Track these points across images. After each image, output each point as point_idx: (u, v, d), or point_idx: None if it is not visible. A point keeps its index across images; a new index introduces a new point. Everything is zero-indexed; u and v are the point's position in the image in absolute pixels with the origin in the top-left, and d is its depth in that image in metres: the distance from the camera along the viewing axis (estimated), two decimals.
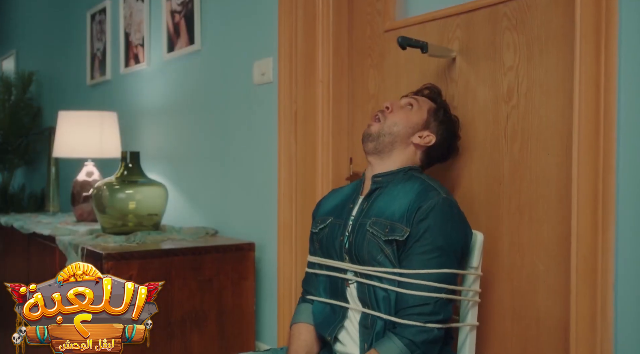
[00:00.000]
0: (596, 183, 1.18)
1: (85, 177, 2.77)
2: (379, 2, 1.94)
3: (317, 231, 1.55)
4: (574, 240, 1.22)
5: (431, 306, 1.32)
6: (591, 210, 1.19)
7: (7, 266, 2.93)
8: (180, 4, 2.60)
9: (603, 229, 1.17)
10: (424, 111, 1.50)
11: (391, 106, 1.50)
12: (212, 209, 2.42)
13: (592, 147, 1.19)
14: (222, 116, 2.36)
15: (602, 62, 1.17)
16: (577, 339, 1.22)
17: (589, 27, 1.19)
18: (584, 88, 1.21)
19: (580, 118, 1.21)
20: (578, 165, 1.22)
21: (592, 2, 1.18)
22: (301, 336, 1.50)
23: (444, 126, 1.52)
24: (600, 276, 1.17)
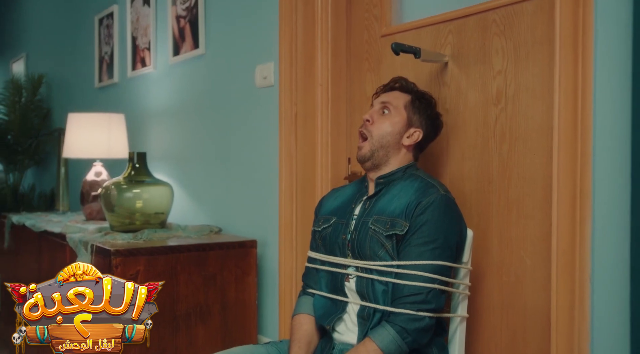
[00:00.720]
0: (574, 181, 1.25)
1: (94, 176, 2.85)
2: (375, 8, 2.02)
3: (320, 229, 1.62)
4: (554, 236, 1.30)
5: (423, 296, 1.40)
6: (570, 207, 1.27)
7: (18, 264, 3.02)
8: (185, 9, 2.69)
9: (580, 225, 1.24)
10: (401, 109, 1.56)
11: (371, 118, 1.56)
12: (216, 208, 2.50)
13: (570, 147, 1.26)
14: (225, 118, 2.45)
15: (579, 69, 1.24)
16: (557, 328, 1.30)
17: (568, 35, 1.27)
18: (563, 92, 1.28)
19: (560, 120, 1.29)
20: (558, 165, 1.29)
21: (571, 12, 1.25)
22: (303, 326, 1.58)
23: (425, 115, 1.57)
24: (577, 269, 1.24)
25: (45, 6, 4.66)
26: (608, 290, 1.21)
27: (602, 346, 1.22)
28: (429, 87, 1.80)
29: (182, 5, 2.71)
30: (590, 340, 1.22)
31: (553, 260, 1.31)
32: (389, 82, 1.63)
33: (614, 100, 1.21)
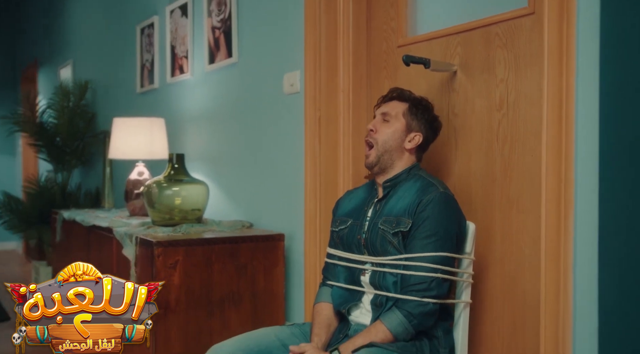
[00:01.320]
0: (559, 180, 1.41)
1: (137, 176, 3.10)
2: (392, 21, 2.19)
3: (337, 230, 1.81)
4: (542, 227, 1.46)
5: (427, 284, 1.57)
6: (555, 203, 1.42)
7: (69, 256, 3.29)
8: (220, 21, 2.90)
9: (565, 219, 1.40)
10: (400, 116, 1.72)
11: (375, 127, 1.73)
12: (248, 204, 2.71)
13: (556, 150, 1.42)
14: (256, 122, 2.65)
15: (563, 80, 1.39)
16: (545, 309, 1.45)
17: (554, 51, 1.42)
18: (550, 101, 1.44)
19: (547, 126, 1.44)
20: (546, 166, 1.45)
21: (556, 30, 1.41)
22: (323, 312, 1.77)
23: (423, 119, 1.73)
24: (562, 256, 1.40)
25: (91, 16, 4.95)
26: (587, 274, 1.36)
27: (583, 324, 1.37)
28: (440, 93, 1.97)
29: (217, 17, 2.92)
30: (572, 319, 1.37)
31: (542, 248, 1.47)
32: (387, 93, 1.80)
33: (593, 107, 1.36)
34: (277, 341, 1.71)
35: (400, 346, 1.55)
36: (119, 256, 2.42)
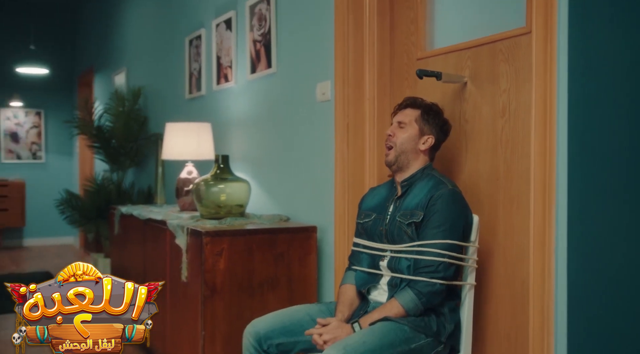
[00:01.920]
0: (544, 179, 1.65)
1: (186, 175, 3.43)
2: (412, 36, 2.45)
3: (362, 222, 2.09)
4: (531, 219, 1.70)
5: (435, 267, 1.83)
6: (541, 198, 1.66)
7: (126, 246, 3.66)
8: (260, 35, 3.21)
9: (548, 211, 1.63)
10: (414, 123, 1.98)
11: (393, 132, 2.00)
12: (285, 200, 3.01)
13: (542, 153, 1.66)
14: (291, 126, 2.94)
15: (547, 93, 1.63)
16: (533, 291, 1.70)
17: (540, 67, 1.66)
18: (537, 110, 1.68)
19: (535, 133, 1.68)
20: (534, 167, 1.69)
21: (542, 50, 1.65)
22: (347, 292, 2.05)
23: (434, 122, 1.99)
24: (546, 244, 1.64)
25: (143, 27, 5.34)
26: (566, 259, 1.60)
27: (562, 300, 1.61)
28: (453, 101, 2.22)
29: (258, 32, 3.23)
30: (555, 298, 1.61)
31: (530, 237, 1.71)
32: (402, 102, 2.06)
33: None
34: (307, 316, 2.00)
35: (410, 321, 1.82)
36: (172, 245, 2.75)
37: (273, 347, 1.95)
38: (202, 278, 2.44)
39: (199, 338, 2.45)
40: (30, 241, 8.24)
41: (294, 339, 1.96)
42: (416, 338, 1.80)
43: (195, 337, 2.50)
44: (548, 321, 1.64)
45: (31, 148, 8.28)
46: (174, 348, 2.80)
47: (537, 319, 1.68)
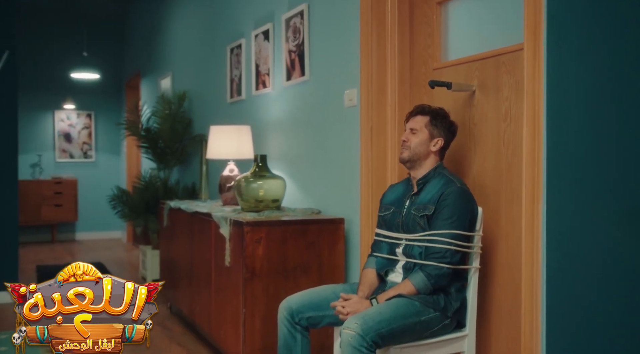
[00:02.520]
0: (533, 175, 1.93)
1: (228, 172, 3.79)
2: (429, 48, 2.74)
3: (383, 215, 2.40)
4: (522, 209, 1.98)
5: (443, 253, 2.13)
6: (530, 192, 1.94)
7: (174, 237, 4.04)
8: (295, 46, 3.54)
9: (536, 203, 1.91)
10: (424, 128, 2.26)
11: (407, 138, 2.29)
12: (316, 195, 3.33)
13: (531, 153, 1.94)
14: (322, 129, 3.27)
15: (535, 102, 1.91)
16: (524, 274, 1.98)
17: (530, 80, 1.94)
18: (528, 116, 1.96)
19: (526, 136, 1.96)
20: (525, 166, 1.97)
21: (531, 64, 1.93)
22: (368, 275, 2.37)
23: (442, 125, 2.27)
24: (535, 233, 1.92)
25: (188, 35, 5.73)
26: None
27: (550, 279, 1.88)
28: (463, 107, 2.50)
29: (293, 43, 3.56)
30: (541, 277, 1.89)
31: (522, 226, 1.99)
32: (412, 110, 2.35)
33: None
34: (333, 294, 2.32)
35: (421, 298, 2.12)
36: (216, 234, 3.11)
37: (304, 320, 2.28)
38: (243, 263, 2.79)
39: (240, 315, 2.80)
40: (81, 235, 8.79)
41: (322, 314, 2.28)
42: (425, 312, 2.10)
43: (237, 314, 2.85)
44: (536, 300, 1.92)
45: (82, 147, 8.82)
46: (218, 325, 3.16)
47: (527, 298, 1.96)
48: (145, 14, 7.33)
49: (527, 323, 1.97)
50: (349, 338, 1.94)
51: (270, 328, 2.72)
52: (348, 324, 1.98)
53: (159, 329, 3.89)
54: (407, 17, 2.84)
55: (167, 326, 3.99)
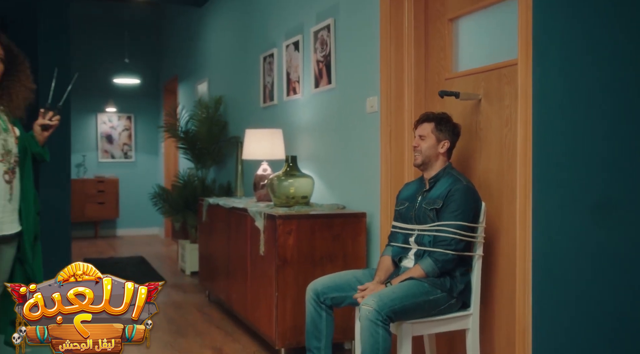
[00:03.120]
0: (525, 176, 2.23)
1: (262, 172, 4.16)
2: (442, 61, 3.05)
3: (398, 209, 2.73)
4: (517, 204, 2.29)
5: (448, 242, 2.45)
6: (523, 189, 2.25)
7: (212, 231, 4.43)
8: (322, 56, 3.89)
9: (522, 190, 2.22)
10: (430, 134, 2.58)
11: (417, 144, 2.61)
12: (341, 192, 3.67)
13: (523, 156, 2.25)
14: (347, 132, 3.60)
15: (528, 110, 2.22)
16: (518, 261, 2.29)
17: (523, 89, 2.25)
18: (521, 122, 2.27)
19: (520, 140, 2.27)
20: (518, 166, 2.28)
21: (524, 76, 2.24)
22: (384, 262, 2.70)
23: (446, 129, 2.58)
24: (526, 225, 2.22)
25: (223, 43, 6.13)
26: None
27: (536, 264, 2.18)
28: (471, 114, 2.81)
29: (320, 53, 3.91)
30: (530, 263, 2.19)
31: (517, 220, 2.30)
32: (418, 118, 2.66)
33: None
34: (353, 278, 2.66)
35: (429, 280, 2.44)
36: (252, 227, 3.48)
37: (328, 300, 2.63)
38: (275, 252, 3.15)
39: (273, 299, 3.16)
40: (122, 231, 9.29)
41: (344, 294, 2.63)
42: (433, 292, 2.43)
43: (270, 298, 3.21)
44: (527, 283, 2.22)
45: (123, 148, 9.32)
46: (253, 308, 3.52)
47: (520, 281, 2.27)
48: (183, 22, 7.76)
49: (520, 303, 2.28)
50: (366, 313, 2.28)
51: (300, 309, 3.07)
52: (366, 301, 2.32)
53: (199, 315, 4.28)
54: (422, 32, 3.16)
55: (206, 312, 4.38)
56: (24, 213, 2.51)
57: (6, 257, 2.47)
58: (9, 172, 2.43)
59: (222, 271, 4.18)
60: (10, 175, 2.44)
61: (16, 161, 2.48)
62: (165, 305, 4.59)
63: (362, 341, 2.31)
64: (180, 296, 4.94)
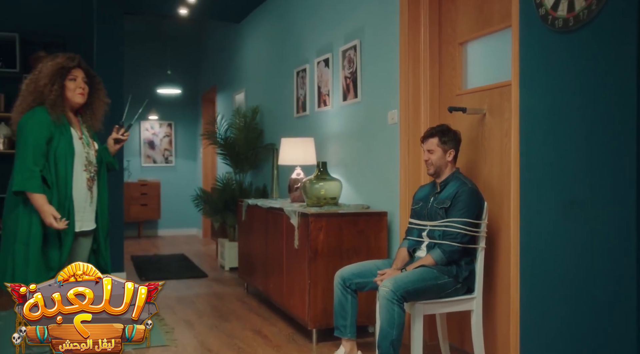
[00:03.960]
0: (517, 180, 2.67)
1: (295, 176, 4.65)
2: (454, 79, 3.50)
3: (414, 208, 3.19)
4: (511, 204, 2.72)
5: (454, 235, 2.90)
6: (515, 192, 2.68)
7: (251, 228, 4.93)
8: (349, 73, 4.36)
9: (514, 191, 2.65)
10: (436, 147, 3.02)
11: (427, 157, 3.05)
12: (366, 194, 4.14)
13: (515, 163, 2.68)
14: (371, 141, 4.07)
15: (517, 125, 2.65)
16: (513, 251, 2.72)
17: (515, 107, 2.68)
18: (513, 132, 2.70)
19: (513, 148, 2.71)
20: (512, 171, 2.72)
21: (516, 96, 2.67)
22: (401, 253, 3.16)
23: (449, 139, 3.01)
24: (516, 221, 2.66)
25: (260, 57, 6.64)
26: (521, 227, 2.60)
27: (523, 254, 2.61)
28: (477, 126, 3.25)
29: (348, 70, 4.39)
30: (519, 250, 2.62)
31: (511, 217, 2.73)
32: (424, 134, 3.10)
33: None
34: (374, 266, 3.12)
35: (438, 268, 2.89)
36: (287, 224, 3.96)
37: (353, 284, 3.10)
38: (308, 245, 3.62)
39: (306, 286, 3.63)
40: (163, 231, 9.90)
41: (366, 280, 3.09)
42: (441, 277, 2.87)
43: (303, 285, 3.69)
44: (516, 269, 2.65)
45: (164, 153, 9.93)
46: (288, 295, 4.01)
47: (513, 269, 2.70)
48: (221, 36, 8.33)
49: (512, 286, 2.71)
50: (384, 292, 2.74)
51: (329, 295, 3.55)
52: (384, 284, 2.78)
53: (239, 303, 4.78)
54: (436, 54, 3.61)
55: (245, 301, 4.88)
56: (100, 213, 3.05)
57: (85, 248, 3.01)
58: (90, 179, 2.97)
59: (260, 264, 4.67)
60: (91, 182, 2.98)
61: (95, 170, 3.02)
62: (208, 296, 5.11)
63: (380, 317, 2.77)
64: (221, 288, 5.46)
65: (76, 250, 2.93)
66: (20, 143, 2.81)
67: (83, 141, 2.97)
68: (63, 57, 2.92)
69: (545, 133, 2.41)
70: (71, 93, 2.94)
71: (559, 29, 2.24)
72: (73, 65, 2.92)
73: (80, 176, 2.91)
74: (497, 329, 3.12)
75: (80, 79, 2.95)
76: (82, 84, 2.96)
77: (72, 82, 2.93)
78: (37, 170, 2.75)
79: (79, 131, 2.98)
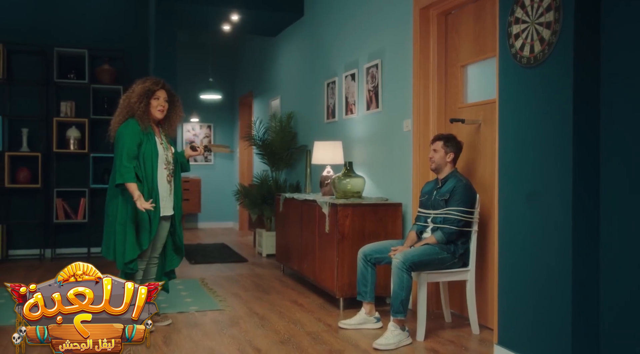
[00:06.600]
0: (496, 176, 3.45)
1: (326, 173, 5.46)
2: (457, 94, 4.28)
3: (421, 199, 3.98)
4: (495, 194, 3.51)
5: (452, 220, 3.69)
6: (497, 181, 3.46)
7: (287, 218, 5.77)
8: (372, 87, 5.16)
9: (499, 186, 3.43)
10: (440, 149, 3.80)
11: (432, 156, 3.84)
12: (385, 188, 4.93)
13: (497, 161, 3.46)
14: (389, 145, 4.86)
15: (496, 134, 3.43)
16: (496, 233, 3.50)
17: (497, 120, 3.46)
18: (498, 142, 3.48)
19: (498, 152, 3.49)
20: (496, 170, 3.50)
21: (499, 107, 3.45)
22: (411, 235, 3.95)
23: (451, 144, 3.79)
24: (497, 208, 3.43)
25: (294, 67, 7.45)
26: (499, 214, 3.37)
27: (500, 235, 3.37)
28: (474, 133, 4.03)
29: (371, 84, 5.19)
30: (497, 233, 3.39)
31: (495, 207, 3.51)
32: (433, 138, 3.89)
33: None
34: (390, 245, 3.93)
35: (439, 246, 3.68)
36: (319, 213, 4.79)
37: (372, 259, 3.91)
38: (336, 230, 4.44)
39: (335, 263, 4.45)
40: (202, 224, 10.80)
41: (383, 255, 3.90)
42: (442, 253, 3.67)
43: (332, 263, 4.51)
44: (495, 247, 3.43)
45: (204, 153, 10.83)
46: (320, 272, 4.83)
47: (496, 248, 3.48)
48: (258, 48, 9.17)
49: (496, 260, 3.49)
50: (396, 263, 3.55)
51: (353, 270, 4.36)
52: (396, 256, 3.59)
53: (277, 282, 5.62)
54: (443, 73, 4.40)
55: (282, 280, 5.72)
56: (176, 202, 3.91)
57: (165, 229, 3.88)
58: (169, 175, 3.84)
59: (296, 248, 5.51)
60: (170, 178, 3.85)
61: (172, 169, 3.88)
62: (250, 276, 5.96)
63: (392, 282, 3.58)
64: (261, 270, 6.31)
65: (159, 231, 3.80)
66: (117, 147, 3.68)
67: (163, 145, 3.84)
68: (150, 81, 3.79)
69: (514, 141, 3.18)
70: (153, 109, 3.80)
71: (524, 65, 3.01)
72: (157, 88, 3.79)
73: (162, 172, 3.78)
74: (487, 296, 3.90)
75: (162, 99, 3.82)
76: (163, 103, 3.82)
77: (156, 100, 3.80)
78: (131, 166, 3.62)
79: (159, 138, 3.85)
